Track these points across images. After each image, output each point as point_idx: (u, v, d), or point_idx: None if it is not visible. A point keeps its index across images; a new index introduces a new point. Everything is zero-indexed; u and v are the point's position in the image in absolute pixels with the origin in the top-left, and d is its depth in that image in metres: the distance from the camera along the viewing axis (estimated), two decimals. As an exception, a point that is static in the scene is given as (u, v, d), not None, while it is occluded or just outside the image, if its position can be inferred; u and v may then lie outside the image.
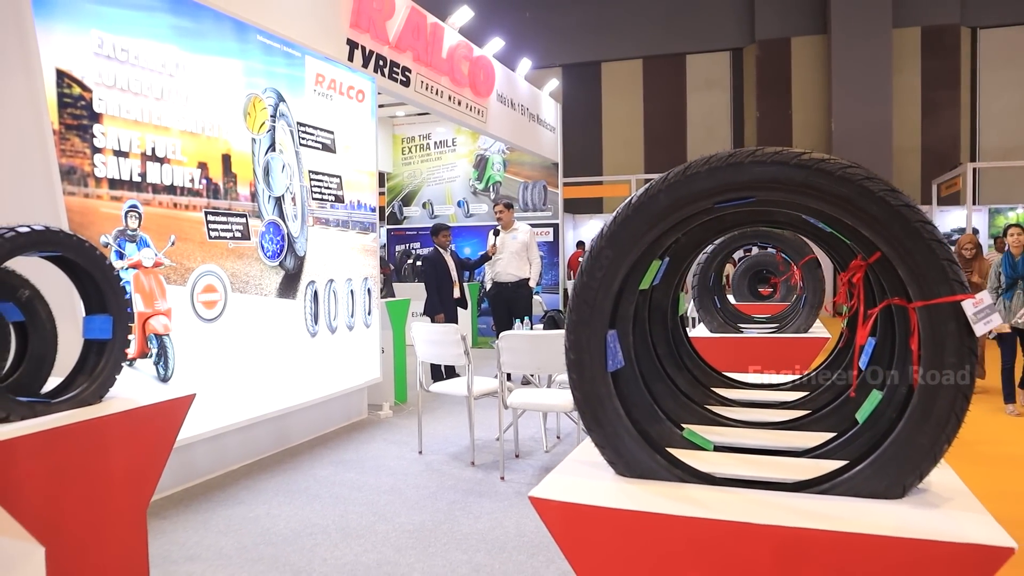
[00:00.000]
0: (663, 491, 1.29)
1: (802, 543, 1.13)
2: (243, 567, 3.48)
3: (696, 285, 4.06)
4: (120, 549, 2.00)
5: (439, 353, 5.35)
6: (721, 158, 1.28)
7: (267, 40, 5.20)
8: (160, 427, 2.10)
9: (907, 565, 1.07)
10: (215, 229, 4.70)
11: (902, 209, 1.20)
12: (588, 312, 1.36)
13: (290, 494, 4.50)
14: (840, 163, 1.23)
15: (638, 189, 1.37)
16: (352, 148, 6.21)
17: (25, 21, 3.54)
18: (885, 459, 1.24)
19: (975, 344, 1.20)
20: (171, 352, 4.33)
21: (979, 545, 1.04)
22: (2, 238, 1.81)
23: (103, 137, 3.94)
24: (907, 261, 1.20)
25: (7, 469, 1.69)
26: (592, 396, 1.37)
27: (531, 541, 3.70)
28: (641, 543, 1.21)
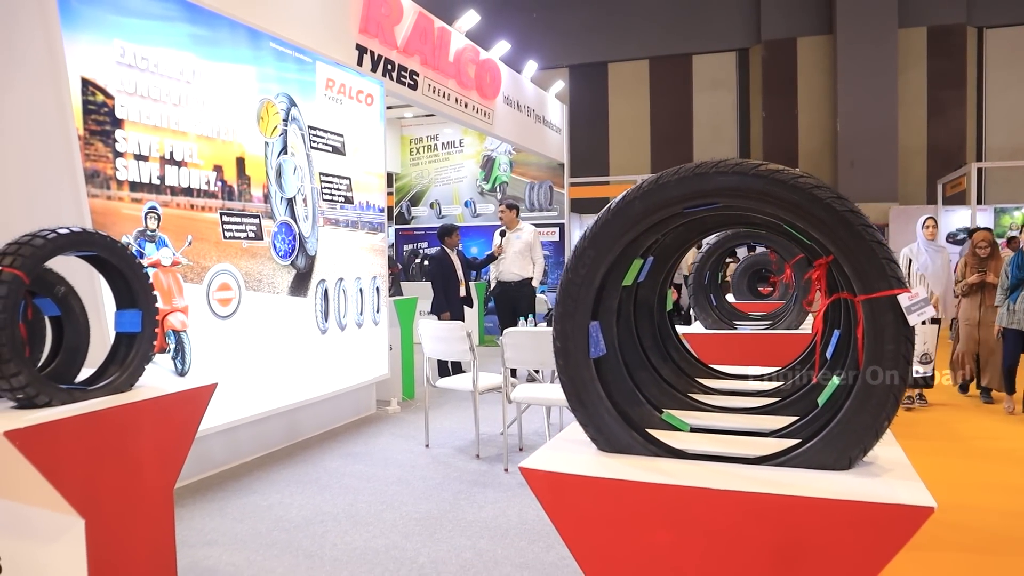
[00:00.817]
0: (637, 463, 1.46)
1: (756, 506, 1.29)
2: (258, 551, 3.66)
3: (692, 283, 4.21)
4: (150, 524, 2.17)
5: (445, 349, 5.52)
6: (689, 169, 1.44)
7: (280, 47, 5.38)
8: (185, 413, 2.27)
9: (843, 523, 1.23)
10: (230, 229, 4.89)
11: (846, 214, 1.36)
12: (572, 305, 1.53)
13: (301, 484, 4.69)
14: (793, 173, 1.39)
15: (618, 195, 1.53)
16: (361, 150, 6.40)
17: (53, 33, 3.73)
18: (833, 435, 1.40)
19: (911, 333, 1.35)
20: (188, 347, 4.52)
21: (903, 505, 1.20)
22: (45, 239, 1.98)
23: (124, 142, 4.13)
24: (851, 260, 1.36)
25: (52, 448, 1.87)
26: (576, 380, 1.54)
27: (532, 528, 3.86)
28: (616, 507, 1.38)
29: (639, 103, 20.13)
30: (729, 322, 4.34)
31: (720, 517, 1.31)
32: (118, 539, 2.05)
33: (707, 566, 1.33)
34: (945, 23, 17.66)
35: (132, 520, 2.10)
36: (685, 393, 2.10)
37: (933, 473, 4.78)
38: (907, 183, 17.65)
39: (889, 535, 1.21)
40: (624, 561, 1.39)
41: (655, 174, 1.47)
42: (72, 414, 1.94)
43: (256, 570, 3.43)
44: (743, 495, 1.30)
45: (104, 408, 2.03)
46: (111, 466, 2.03)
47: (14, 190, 4.02)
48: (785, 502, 1.27)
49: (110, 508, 2.02)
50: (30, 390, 1.94)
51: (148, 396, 2.18)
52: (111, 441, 2.04)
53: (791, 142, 18.51)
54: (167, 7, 4.42)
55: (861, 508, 1.22)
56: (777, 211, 1.41)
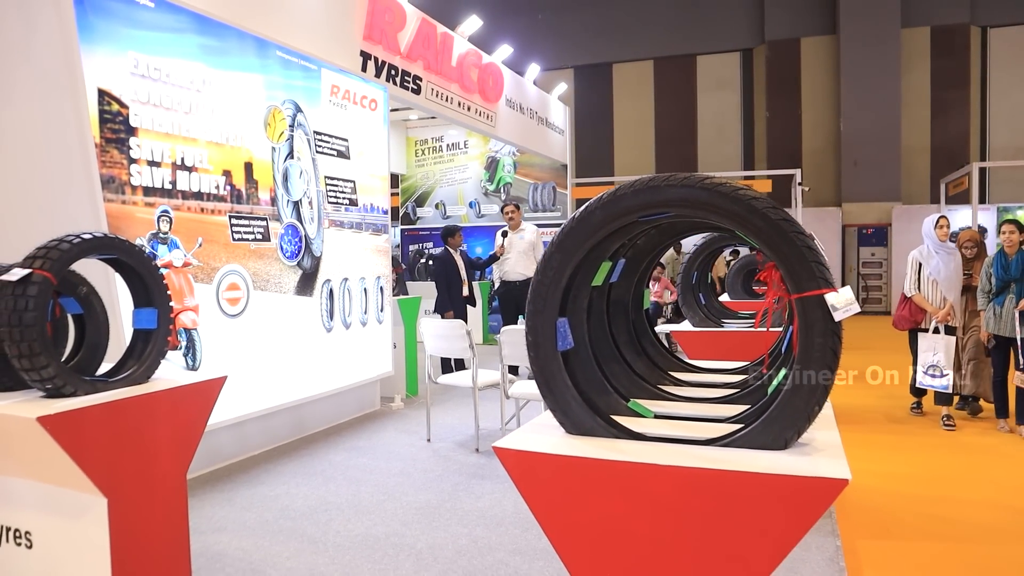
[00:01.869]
0: (598, 444, 1.64)
1: (697, 480, 1.47)
2: (265, 537, 3.86)
3: (680, 283, 4.39)
4: (166, 504, 2.37)
5: (446, 347, 5.71)
6: (643, 182, 1.63)
7: (286, 55, 5.59)
8: (198, 403, 2.47)
9: (770, 494, 1.41)
10: (238, 231, 5.09)
11: (780, 222, 1.53)
12: (542, 304, 1.72)
13: (307, 476, 4.89)
14: (734, 187, 1.57)
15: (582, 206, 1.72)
16: (365, 154, 6.60)
17: (71, 46, 3.94)
18: (770, 420, 1.58)
19: (838, 328, 1.53)
20: (199, 345, 4.73)
21: (821, 478, 1.38)
22: (71, 244, 2.18)
23: (138, 149, 4.34)
24: (785, 263, 1.54)
25: (78, 433, 2.07)
26: (546, 370, 1.73)
27: (527, 518, 4.04)
28: (577, 482, 1.56)
29: (643, 104, 20.28)
30: (717, 320, 4.52)
31: (666, 490, 1.49)
32: (137, 518, 2.25)
33: (655, 533, 1.51)
34: (948, 23, 17.74)
35: (150, 500, 2.30)
36: (656, 385, 2.28)
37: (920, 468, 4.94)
38: (910, 183, 17.75)
39: (809, 503, 1.39)
40: (584, 529, 1.57)
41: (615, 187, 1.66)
42: (96, 403, 2.14)
43: (263, 554, 3.63)
44: (686, 470, 1.48)
45: (124, 398, 2.23)
46: (131, 450, 2.23)
47: (35, 195, 4.24)
48: (722, 476, 1.45)
49: (130, 489, 2.21)
50: (58, 381, 2.14)
51: (164, 387, 2.38)
52: (131, 428, 2.23)
53: (795, 142, 18.62)
54: (178, 19, 4.63)
55: (785, 481, 1.40)
56: (721, 220, 1.59)
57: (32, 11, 4.10)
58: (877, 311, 16.89)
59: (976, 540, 3.83)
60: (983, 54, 18.02)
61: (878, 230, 17.21)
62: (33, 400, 2.19)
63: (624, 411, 1.92)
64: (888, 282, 16.89)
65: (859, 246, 17.29)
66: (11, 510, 2.34)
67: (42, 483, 2.24)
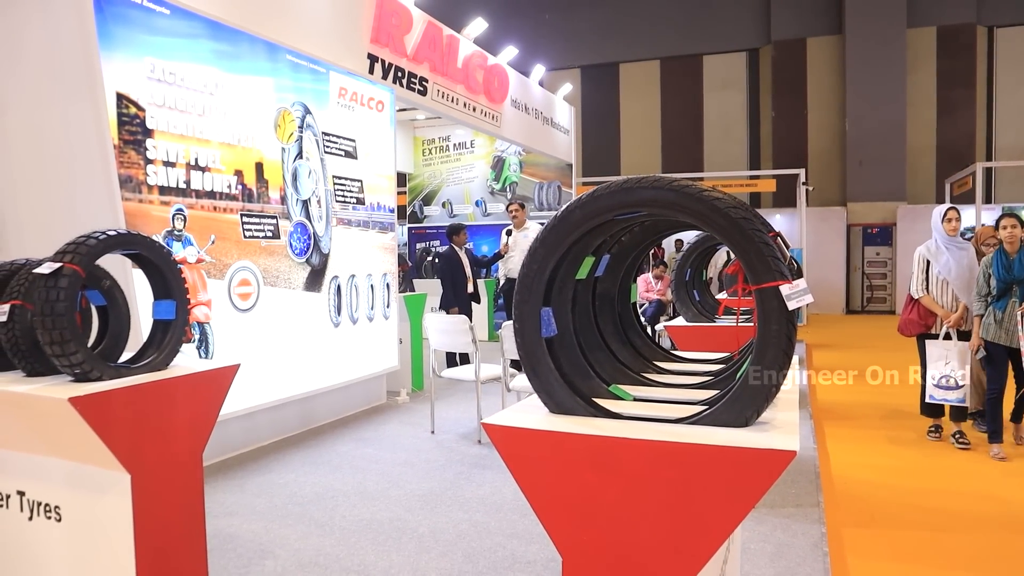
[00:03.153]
0: (577, 421, 1.81)
1: (660, 452, 1.64)
2: (274, 520, 4.05)
3: (674, 280, 4.55)
4: (184, 482, 2.56)
5: (449, 342, 5.89)
6: (618, 184, 1.79)
7: (295, 59, 5.77)
8: (213, 388, 2.66)
9: (724, 465, 1.58)
10: (249, 229, 5.28)
11: (740, 220, 1.69)
12: (527, 294, 1.89)
13: (314, 465, 5.07)
14: (700, 188, 1.73)
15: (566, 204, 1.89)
16: (372, 154, 6.78)
17: (91, 52, 4.14)
18: (733, 400, 1.74)
19: (793, 316, 1.69)
20: (211, 338, 4.92)
21: (769, 450, 1.54)
22: (98, 240, 2.37)
23: (154, 150, 4.54)
24: (745, 257, 1.70)
25: (105, 414, 2.25)
26: (531, 354, 1.90)
27: (524, 505, 4.18)
28: (556, 454, 1.73)
29: (650, 103, 20.42)
30: (710, 316, 4.67)
31: (634, 461, 1.66)
32: (158, 493, 2.43)
33: (624, 501, 1.68)
34: (955, 23, 17.79)
35: (169, 477, 2.48)
36: (639, 373, 2.44)
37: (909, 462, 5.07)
38: (915, 182, 17.82)
39: (760, 474, 1.55)
40: (562, 497, 1.74)
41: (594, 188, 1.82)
42: (121, 386, 2.33)
43: (272, 536, 3.82)
44: (654, 443, 1.65)
45: (146, 382, 2.42)
46: (152, 431, 2.41)
47: (57, 194, 4.44)
48: (686, 448, 1.62)
49: (151, 466, 2.40)
50: (86, 366, 2.33)
51: (182, 373, 2.56)
52: (152, 410, 2.42)
53: (800, 142, 18.72)
54: (192, 25, 4.82)
55: (740, 452, 1.57)
56: (688, 219, 1.75)
57: (55, 19, 4.30)
58: (882, 310, 16.99)
59: (959, 529, 3.97)
60: (989, 54, 18.07)
61: (883, 230, 17.30)
62: (63, 384, 2.37)
63: (605, 394, 2.08)
64: (893, 282, 16.97)
65: (864, 246, 17.38)
66: (42, 486, 2.53)
67: (70, 461, 2.42)
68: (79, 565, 2.50)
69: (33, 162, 4.48)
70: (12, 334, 2.48)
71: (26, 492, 2.59)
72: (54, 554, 2.55)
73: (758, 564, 3.48)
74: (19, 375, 2.58)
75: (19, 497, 2.61)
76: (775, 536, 3.80)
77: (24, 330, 2.47)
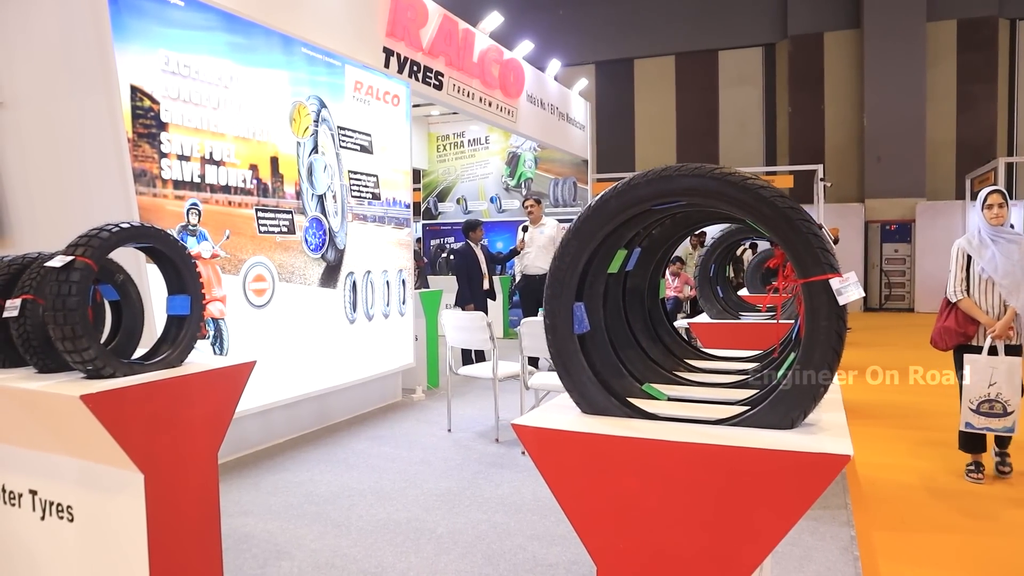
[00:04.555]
0: (612, 422, 1.71)
1: (705, 456, 1.54)
2: (289, 520, 3.98)
3: (698, 276, 4.44)
4: (199, 481, 2.48)
5: (466, 338, 5.81)
6: (656, 172, 1.69)
7: (311, 52, 5.70)
8: (229, 386, 2.58)
9: (774, 470, 1.48)
10: (264, 224, 5.21)
11: (787, 210, 1.59)
12: (559, 288, 1.79)
13: (330, 463, 5.00)
14: (743, 176, 1.63)
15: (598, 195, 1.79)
16: (388, 149, 6.70)
17: (105, 45, 4.07)
18: (777, 400, 1.64)
19: (842, 311, 1.59)
20: (226, 334, 4.86)
21: (823, 454, 1.44)
22: (111, 233, 2.29)
23: (168, 143, 4.47)
24: (792, 250, 1.60)
25: (118, 412, 2.18)
26: (563, 352, 1.80)
27: (545, 505, 4.13)
28: (591, 458, 1.64)
29: (665, 99, 20.24)
30: (734, 313, 4.56)
31: (676, 465, 1.56)
32: (172, 494, 2.36)
33: (664, 507, 1.58)
34: (976, 16, 17.51)
35: (184, 477, 2.40)
36: (671, 371, 2.35)
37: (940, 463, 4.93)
38: (935, 178, 17.56)
39: (812, 479, 1.45)
40: (598, 503, 1.65)
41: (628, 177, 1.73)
42: (134, 383, 2.25)
43: (288, 536, 3.75)
44: (695, 446, 1.55)
45: (160, 379, 2.34)
46: (166, 429, 2.34)
47: (71, 188, 4.39)
48: (731, 452, 1.52)
49: (165, 466, 2.32)
50: (98, 363, 2.25)
51: (197, 370, 2.49)
52: (166, 407, 2.34)
53: (817, 137, 18.50)
54: (207, 17, 4.75)
55: (789, 456, 1.47)
56: (731, 209, 1.65)
57: (68, 11, 4.24)
58: (900, 308, 16.77)
59: (996, 533, 3.84)
60: (1011, 47, 17.76)
61: (902, 226, 17.06)
62: (75, 380, 2.30)
63: (638, 394, 1.99)
64: (911, 279, 16.75)
65: (882, 243, 17.14)
66: (55, 485, 2.46)
67: (83, 460, 2.35)
68: (92, 566, 2.43)
69: (47, 156, 4.43)
70: (24, 329, 2.41)
71: (38, 491, 2.52)
72: (66, 555, 2.48)
73: (787, 569, 3.37)
74: (31, 371, 2.51)
75: (31, 496, 2.54)
76: (803, 540, 3.69)
77: (36, 325, 2.40)
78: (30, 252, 2.67)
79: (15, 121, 4.46)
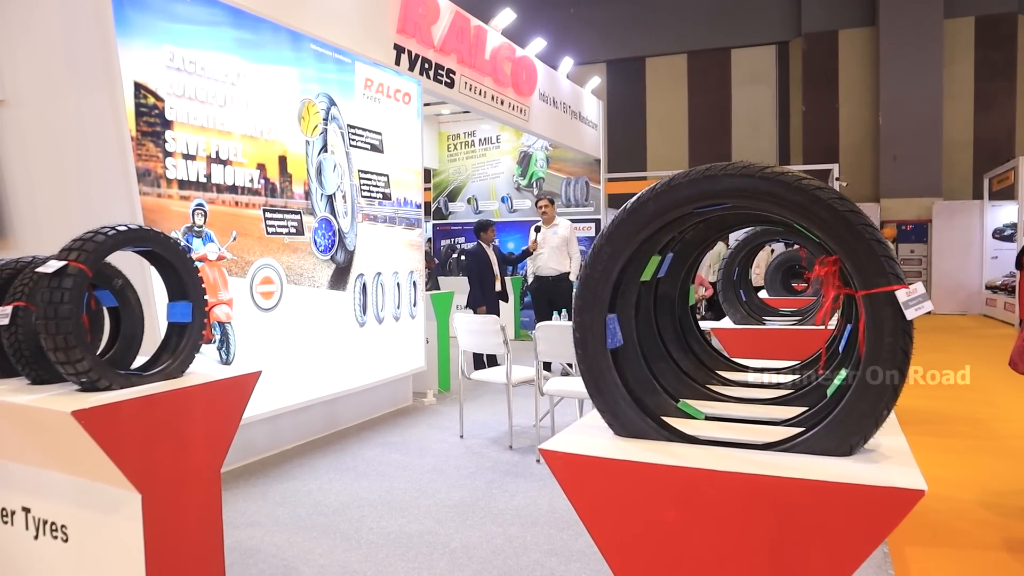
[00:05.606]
0: (650, 447, 1.55)
1: (759, 488, 1.38)
2: (297, 533, 3.83)
3: (721, 280, 4.27)
4: (200, 501, 2.33)
5: (479, 343, 5.65)
6: (699, 171, 1.54)
7: (320, 48, 5.56)
8: (232, 398, 2.43)
9: (839, 505, 1.32)
10: (272, 225, 5.07)
11: (847, 214, 1.43)
12: (591, 298, 1.64)
13: (340, 471, 4.86)
14: (797, 176, 1.47)
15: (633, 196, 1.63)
16: (398, 148, 6.55)
17: (108, 40, 3.94)
18: (835, 423, 1.48)
19: (908, 326, 1.43)
20: (232, 338, 4.72)
21: (895, 488, 1.28)
22: (106, 236, 2.15)
23: (173, 142, 4.33)
24: (852, 257, 1.44)
25: (113, 428, 2.04)
26: (594, 369, 1.64)
27: (562, 517, 3.97)
28: (629, 487, 1.48)
29: (677, 98, 20.04)
30: (758, 318, 4.39)
31: (726, 498, 1.40)
32: (171, 514, 2.21)
33: (712, 544, 1.42)
34: (994, 12, 17.24)
35: (184, 497, 2.26)
36: (704, 384, 2.18)
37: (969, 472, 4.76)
38: (952, 178, 17.30)
39: (881, 516, 1.29)
40: (635, 537, 1.49)
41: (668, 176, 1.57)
42: (130, 397, 2.11)
43: (296, 551, 3.60)
44: (748, 477, 1.39)
45: (159, 392, 2.19)
46: (165, 446, 2.19)
47: (72, 188, 4.26)
48: (786, 484, 1.36)
49: (164, 485, 2.18)
50: (93, 374, 2.11)
51: (198, 382, 2.34)
52: (165, 423, 2.20)
53: (831, 136, 18.27)
54: (213, 13, 4.61)
55: (855, 490, 1.30)
56: (782, 211, 1.49)
57: (71, 6, 4.11)
58: (917, 309, 16.48)
59: None
60: (1031, 44, 17.48)
61: (918, 226, 16.80)
62: (68, 393, 2.16)
63: (673, 412, 1.83)
64: (928, 281, 16.47)
65: (898, 243, 16.89)
66: (48, 503, 2.32)
67: (78, 477, 2.21)
68: (88, 590, 2.29)
69: (49, 154, 4.30)
70: (15, 339, 2.28)
71: (31, 509, 2.38)
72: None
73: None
74: (23, 382, 2.37)
75: (24, 514, 2.40)
76: (834, 556, 3.51)
77: (28, 334, 2.26)
78: (24, 256, 2.54)
79: (16, 119, 4.33)
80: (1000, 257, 15.28)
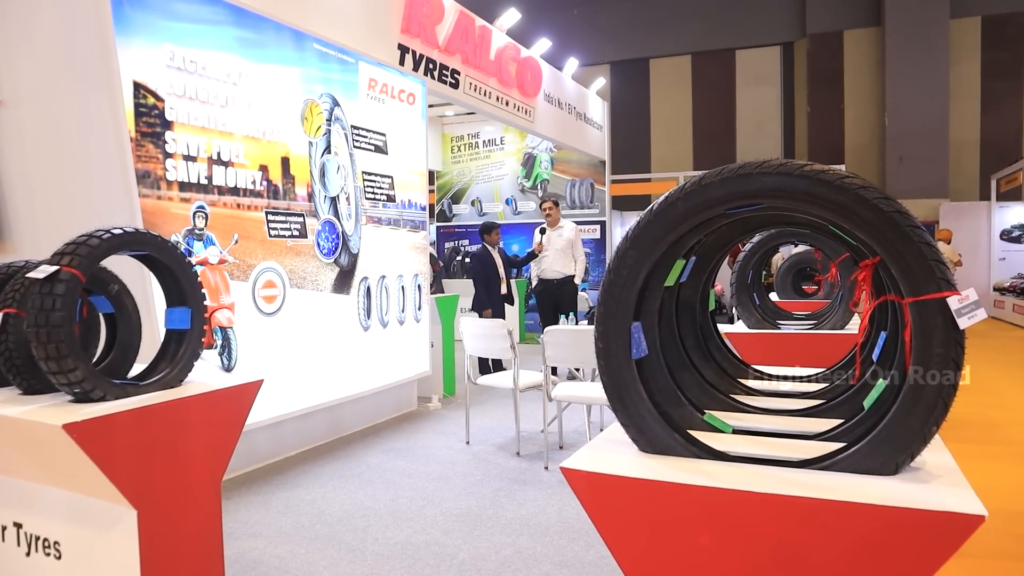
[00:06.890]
0: (679, 465, 1.45)
1: (800, 510, 1.28)
2: (301, 544, 3.73)
3: (734, 283, 4.16)
4: (199, 516, 2.23)
5: (486, 347, 5.55)
6: (732, 169, 1.43)
7: (323, 48, 5.46)
8: (233, 408, 2.33)
9: (890, 530, 1.21)
10: (275, 228, 4.98)
11: (894, 215, 1.33)
12: (615, 306, 1.53)
13: (344, 479, 4.75)
14: (839, 174, 1.37)
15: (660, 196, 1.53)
16: (403, 149, 6.45)
17: (107, 39, 3.84)
18: (879, 440, 1.37)
19: (960, 336, 1.32)
20: (234, 344, 4.62)
21: (953, 513, 1.17)
22: (100, 240, 2.05)
23: (174, 143, 4.24)
24: (899, 262, 1.33)
25: (107, 441, 1.94)
26: (618, 380, 1.54)
27: (572, 527, 3.86)
28: (657, 509, 1.37)
29: (681, 99, 19.95)
30: (773, 322, 4.28)
31: (763, 521, 1.30)
32: (168, 530, 2.11)
33: (749, 571, 1.32)
34: (1001, 12, 17.13)
35: (181, 512, 2.16)
36: (727, 394, 2.08)
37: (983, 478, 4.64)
38: (959, 178, 17.19)
39: (937, 543, 1.19)
40: (665, 563, 1.38)
41: (698, 175, 1.46)
42: (125, 408, 2.00)
43: (300, 563, 3.50)
44: (787, 499, 1.28)
45: (156, 403, 2.09)
46: (162, 459, 2.09)
47: (71, 190, 4.16)
48: (830, 507, 1.25)
49: (161, 500, 2.08)
50: (86, 385, 2.01)
51: (197, 392, 2.24)
52: (162, 435, 2.10)
53: (837, 137, 18.16)
54: (215, 11, 4.52)
55: (909, 515, 1.20)
56: (822, 212, 1.39)
57: (70, 5, 4.02)
58: (924, 311, 16.35)
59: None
60: (1038, 44, 17.37)
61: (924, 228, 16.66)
62: (60, 405, 2.06)
63: (700, 425, 1.73)
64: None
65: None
66: (41, 519, 2.22)
67: (71, 492, 2.11)
68: (82, 609, 2.19)
69: (48, 155, 4.21)
70: (6, 347, 2.18)
71: (23, 524, 2.28)
72: (55, 595, 2.24)
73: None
74: (15, 393, 2.27)
75: (16, 529, 2.30)
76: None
77: (19, 342, 2.16)
78: (16, 261, 2.44)
79: (15, 120, 4.24)
80: (1008, 259, 15.15)
